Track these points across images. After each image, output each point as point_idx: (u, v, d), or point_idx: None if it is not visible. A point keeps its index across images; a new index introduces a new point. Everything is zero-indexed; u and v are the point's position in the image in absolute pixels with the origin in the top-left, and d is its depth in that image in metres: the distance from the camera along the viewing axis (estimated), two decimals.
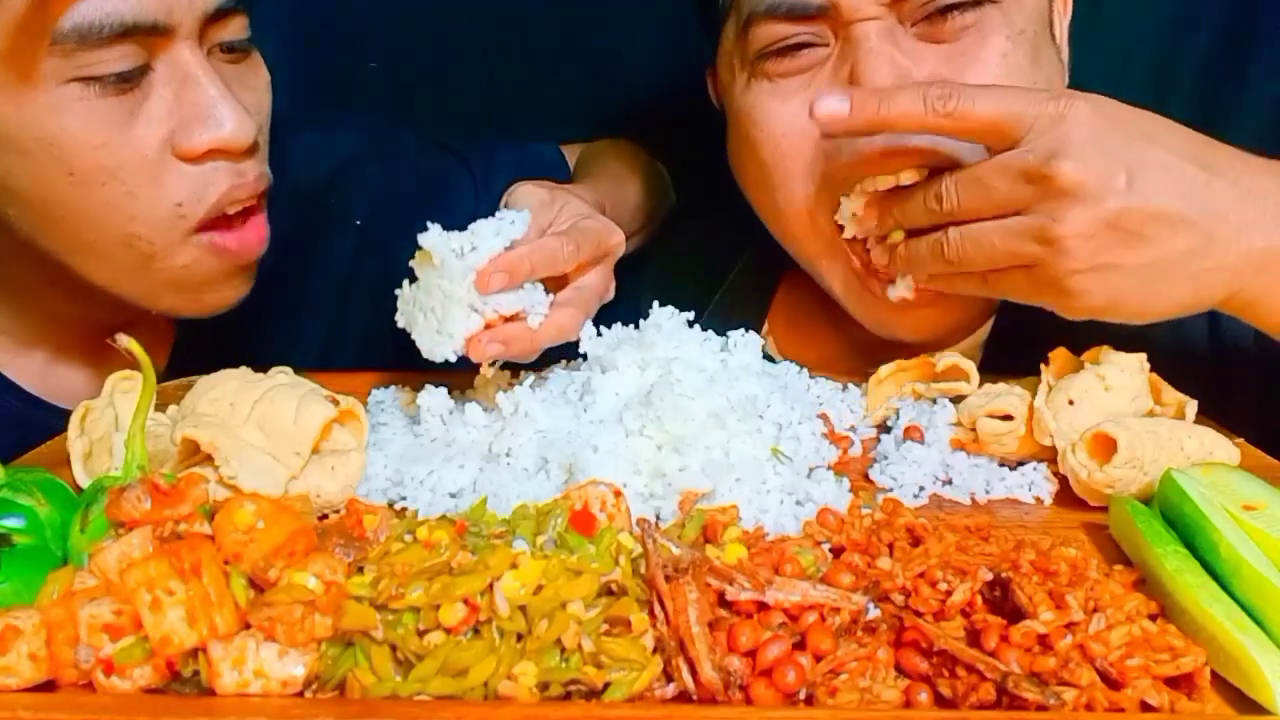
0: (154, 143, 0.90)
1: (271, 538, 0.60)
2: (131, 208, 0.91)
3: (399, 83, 1.58)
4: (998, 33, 0.94)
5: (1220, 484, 0.73)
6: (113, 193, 0.90)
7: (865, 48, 0.92)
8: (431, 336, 0.86)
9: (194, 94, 0.91)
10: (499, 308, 0.85)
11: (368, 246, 1.28)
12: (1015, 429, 0.86)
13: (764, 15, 0.95)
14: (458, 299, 0.84)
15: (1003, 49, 0.94)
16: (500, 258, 0.84)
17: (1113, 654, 0.58)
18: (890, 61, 0.92)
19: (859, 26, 0.93)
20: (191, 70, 0.91)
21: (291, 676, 0.57)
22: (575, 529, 0.67)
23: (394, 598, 0.58)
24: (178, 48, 0.91)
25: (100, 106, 0.88)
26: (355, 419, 0.83)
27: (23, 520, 0.69)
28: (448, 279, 0.84)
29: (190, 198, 0.93)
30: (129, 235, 0.92)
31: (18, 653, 0.57)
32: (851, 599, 0.62)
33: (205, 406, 0.79)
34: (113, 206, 0.91)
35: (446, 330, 0.85)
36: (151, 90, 0.90)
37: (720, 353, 0.91)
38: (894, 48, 0.93)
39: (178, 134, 0.91)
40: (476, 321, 0.85)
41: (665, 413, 0.80)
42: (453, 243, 0.84)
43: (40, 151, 0.88)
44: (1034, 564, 0.66)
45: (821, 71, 0.96)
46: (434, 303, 0.85)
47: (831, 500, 0.78)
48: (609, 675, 0.57)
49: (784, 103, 0.98)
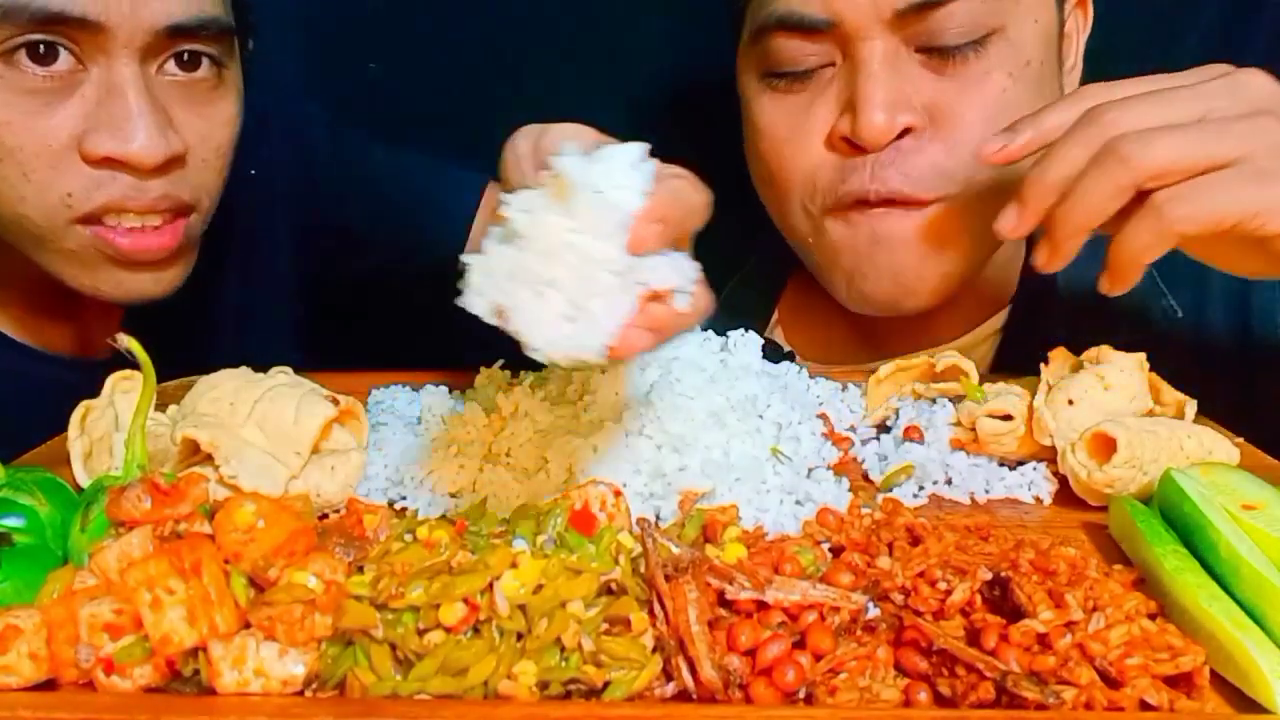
0: (62, 136, 0.92)
1: (271, 537, 0.60)
2: (22, 189, 0.93)
3: (400, 82, 1.57)
4: (1000, 68, 0.94)
5: (1219, 483, 0.73)
6: (9, 171, 0.92)
7: (866, 71, 0.93)
8: (558, 324, 0.59)
9: (116, 104, 0.92)
10: (651, 281, 0.61)
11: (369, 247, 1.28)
12: (1015, 429, 0.86)
13: (775, 27, 0.97)
14: (611, 265, 0.59)
15: (1003, 84, 0.95)
16: (651, 207, 0.60)
17: (1112, 653, 0.58)
18: (885, 87, 0.92)
19: (863, 46, 0.93)
20: (121, 81, 0.92)
21: (291, 676, 0.57)
22: (575, 529, 0.66)
23: (394, 597, 0.58)
24: (116, 55, 0.91)
25: (16, 88, 0.90)
26: (355, 419, 0.83)
27: (23, 520, 0.69)
28: (592, 234, 0.58)
29: (80, 192, 0.94)
30: (18, 215, 0.95)
31: (18, 652, 0.57)
32: (851, 598, 0.62)
33: (205, 406, 0.80)
34: (7, 184, 0.93)
35: (591, 311, 0.59)
36: (76, 89, 0.92)
37: (720, 352, 0.91)
38: (894, 72, 0.93)
39: (87, 135, 0.93)
40: (629, 302, 0.60)
41: (665, 412, 0.80)
42: (595, 176, 0.58)
43: None
44: (1033, 563, 0.66)
45: (828, 89, 0.97)
46: (562, 271, 0.59)
47: (831, 500, 0.78)
48: (609, 674, 0.57)
49: (788, 115, 1.00)
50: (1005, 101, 0.95)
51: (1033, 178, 0.78)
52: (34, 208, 0.94)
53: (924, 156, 0.95)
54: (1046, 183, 0.77)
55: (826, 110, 0.97)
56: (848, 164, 0.96)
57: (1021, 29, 0.96)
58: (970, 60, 0.94)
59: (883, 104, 0.92)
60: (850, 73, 0.95)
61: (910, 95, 0.94)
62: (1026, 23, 0.96)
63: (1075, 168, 0.76)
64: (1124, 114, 0.75)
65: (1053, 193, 0.77)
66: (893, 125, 0.93)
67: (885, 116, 0.92)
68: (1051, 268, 0.81)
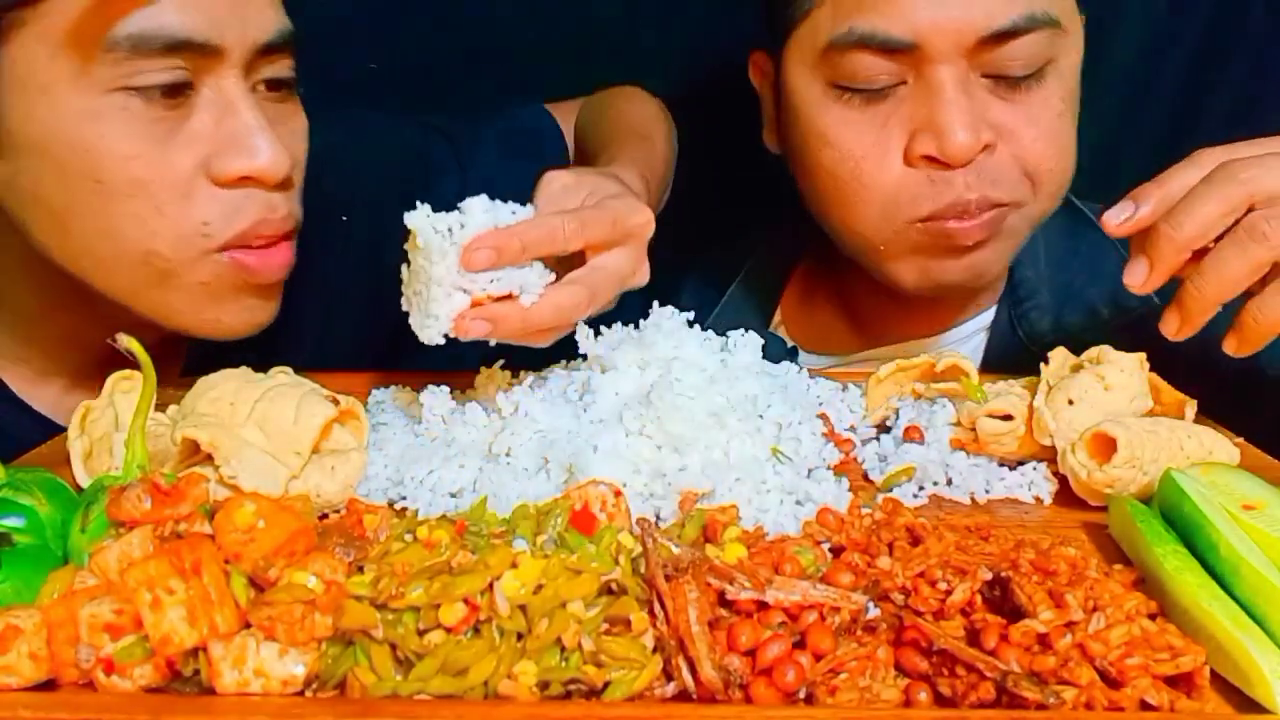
0: (190, 162, 0.90)
1: (272, 537, 0.60)
2: (155, 223, 0.90)
3: (401, 83, 1.57)
4: (1055, 94, 1.03)
5: (1220, 483, 0.73)
6: (140, 206, 0.89)
7: (944, 97, 0.99)
8: (420, 319, 0.83)
9: (234, 121, 0.91)
10: (486, 287, 0.82)
11: (354, 242, 1.25)
12: (1015, 429, 0.86)
13: (855, 45, 1.00)
14: (439, 279, 0.81)
15: (1059, 110, 1.03)
16: (487, 234, 0.81)
17: (1112, 653, 0.58)
18: (966, 111, 0.99)
19: (940, 69, 0.99)
20: (234, 98, 0.91)
21: (292, 676, 0.57)
22: (575, 528, 0.67)
23: (394, 597, 0.58)
24: (224, 74, 0.91)
25: (142, 119, 0.87)
26: (355, 419, 0.83)
27: (23, 520, 0.69)
28: (431, 258, 0.81)
29: (218, 219, 0.92)
30: (147, 252, 0.91)
31: (18, 652, 0.57)
32: (851, 598, 0.62)
33: (205, 406, 0.80)
34: (137, 220, 0.90)
35: (432, 312, 0.82)
36: (194, 112, 0.90)
37: (720, 353, 0.91)
38: (968, 97, 0.99)
39: (213, 159, 0.91)
40: (462, 300, 0.82)
41: (665, 412, 0.80)
42: (439, 223, 0.82)
43: (72, 157, 0.87)
44: (1033, 563, 0.66)
45: (900, 108, 1.02)
46: (420, 284, 0.83)
47: (831, 500, 0.78)
48: (609, 674, 0.57)
49: (864, 132, 1.04)
50: (1061, 124, 1.04)
51: (1165, 236, 0.80)
52: (167, 242, 0.91)
53: (1002, 165, 1.02)
54: (1179, 242, 0.80)
55: (901, 128, 1.02)
56: (935, 178, 1.01)
57: (1070, 59, 1.04)
58: (1032, 88, 1.02)
59: (967, 124, 0.98)
60: (926, 94, 1.00)
61: (983, 115, 1.00)
62: (1072, 55, 1.04)
63: (1209, 225, 0.79)
64: (1262, 172, 0.78)
65: (1185, 251, 0.80)
66: (977, 143, 0.99)
67: (970, 135, 0.98)
68: (1181, 337, 0.83)
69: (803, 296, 1.33)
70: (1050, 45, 1.01)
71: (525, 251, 0.82)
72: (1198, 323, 0.82)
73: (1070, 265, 1.19)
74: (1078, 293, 1.18)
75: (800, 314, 1.32)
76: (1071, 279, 1.19)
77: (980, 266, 1.08)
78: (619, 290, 0.88)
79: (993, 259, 1.08)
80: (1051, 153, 1.03)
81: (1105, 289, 1.16)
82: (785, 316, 1.32)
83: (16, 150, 0.88)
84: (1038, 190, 1.04)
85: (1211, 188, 0.79)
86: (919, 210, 1.03)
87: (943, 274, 1.08)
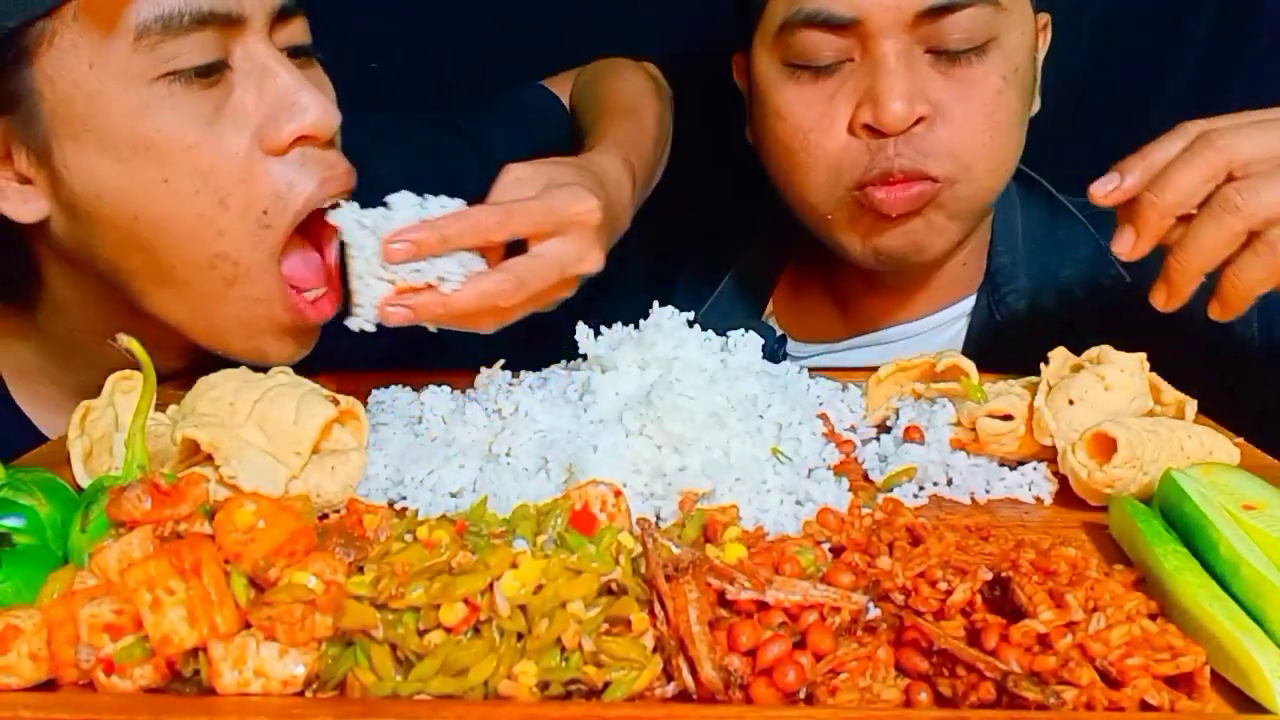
0: (243, 140, 0.90)
1: (272, 537, 0.60)
2: (221, 221, 0.90)
3: (401, 83, 1.57)
4: (997, 71, 1.06)
5: (1220, 484, 0.73)
6: (205, 203, 0.89)
7: (884, 68, 1.04)
8: (351, 309, 0.88)
9: (273, 85, 0.91)
10: (408, 277, 0.86)
11: None
12: (1015, 429, 0.86)
13: (802, 23, 1.06)
14: (359, 272, 0.86)
15: (999, 87, 1.07)
16: (408, 227, 0.85)
17: (1112, 653, 0.58)
18: (904, 81, 1.04)
19: (883, 44, 1.04)
20: (267, 62, 0.91)
21: (292, 676, 0.57)
22: (575, 529, 0.67)
23: (394, 597, 0.58)
24: (250, 41, 0.90)
25: (188, 103, 0.87)
26: (355, 419, 0.83)
27: (23, 520, 0.69)
28: (352, 251, 0.86)
29: (275, 202, 0.91)
30: (215, 255, 0.91)
31: (18, 652, 0.57)
32: (851, 598, 0.62)
33: (205, 406, 0.80)
34: (204, 220, 0.90)
35: (357, 301, 0.86)
36: (233, 87, 0.90)
37: (720, 353, 0.91)
38: (908, 69, 1.04)
39: (265, 127, 0.90)
40: (385, 289, 0.86)
41: (665, 412, 0.80)
42: (365, 219, 0.86)
43: (136, 158, 0.87)
44: (1034, 563, 0.66)
45: (847, 82, 1.08)
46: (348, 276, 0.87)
47: (831, 500, 0.78)
48: (609, 675, 0.57)
49: (812, 105, 1.09)
50: (1000, 102, 1.07)
51: (1149, 204, 0.84)
52: (232, 240, 0.91)
53: (935, 140, 1.06)
54: (1162, 209, 0.84)
55: (847, 101, 1.07)
56: (872, 146, 1.07)
57: (1012, 38, 1.08)
58: (972, 64, 1.06)
59: (903, 95, 1.03)
60: (870, 67, 1.05)
61: (923, 88, 1.05)
62: (1015, 34, 1.08)
63: (1189, 193, 0.82)
64: (1238, 140, 0.82)
65: (1168, 218, 0.84)
66: (911, 113, 1.04)
67: (904, 105, 1.03)
68: (1170, 308, 0.88)
69: (794, 287, 1.38)
70: (991, 22, 1.05)
71: (445, 243, 0.85)
72: (1184, 294, 0.86)
73: (1047, 251, 1.24)
74: (1054, 275, 1.23)
75: (791, 304, 1.37)
76: (1048, 264, 1.23)
77: (917, 238, 1.11)
78: (560, 277, 0.90)
79: (931, 234, 1.11)
80: (985, 128, 1.06)
81: (1081, 272, 1.21)
82: (776, 307, 1.38)
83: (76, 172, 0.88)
84: (972, 167, 1.08)
85: (1191, 156, 0.83)
86: (855, 176, 1.08)
87: (880, 243, 1.12)
